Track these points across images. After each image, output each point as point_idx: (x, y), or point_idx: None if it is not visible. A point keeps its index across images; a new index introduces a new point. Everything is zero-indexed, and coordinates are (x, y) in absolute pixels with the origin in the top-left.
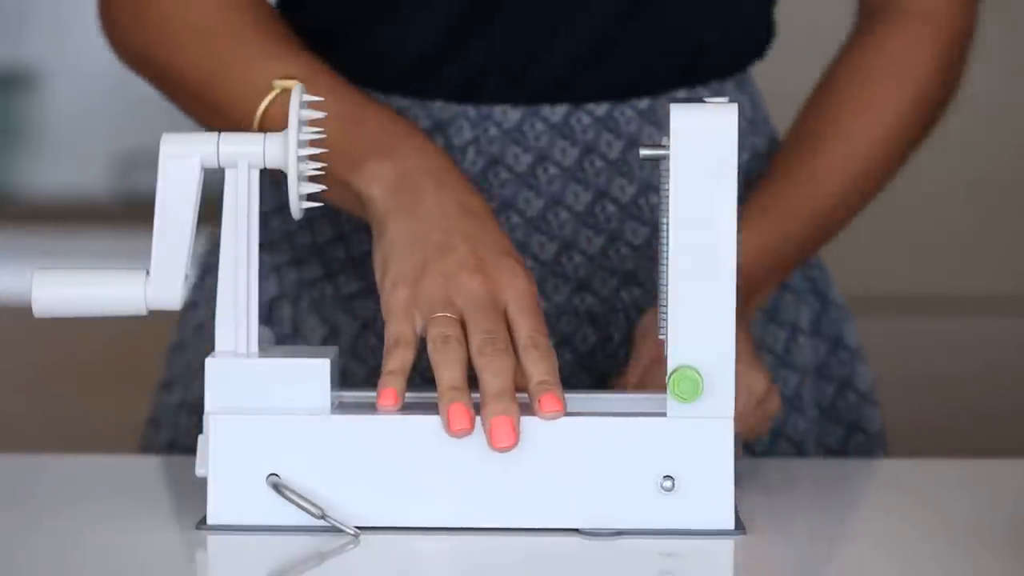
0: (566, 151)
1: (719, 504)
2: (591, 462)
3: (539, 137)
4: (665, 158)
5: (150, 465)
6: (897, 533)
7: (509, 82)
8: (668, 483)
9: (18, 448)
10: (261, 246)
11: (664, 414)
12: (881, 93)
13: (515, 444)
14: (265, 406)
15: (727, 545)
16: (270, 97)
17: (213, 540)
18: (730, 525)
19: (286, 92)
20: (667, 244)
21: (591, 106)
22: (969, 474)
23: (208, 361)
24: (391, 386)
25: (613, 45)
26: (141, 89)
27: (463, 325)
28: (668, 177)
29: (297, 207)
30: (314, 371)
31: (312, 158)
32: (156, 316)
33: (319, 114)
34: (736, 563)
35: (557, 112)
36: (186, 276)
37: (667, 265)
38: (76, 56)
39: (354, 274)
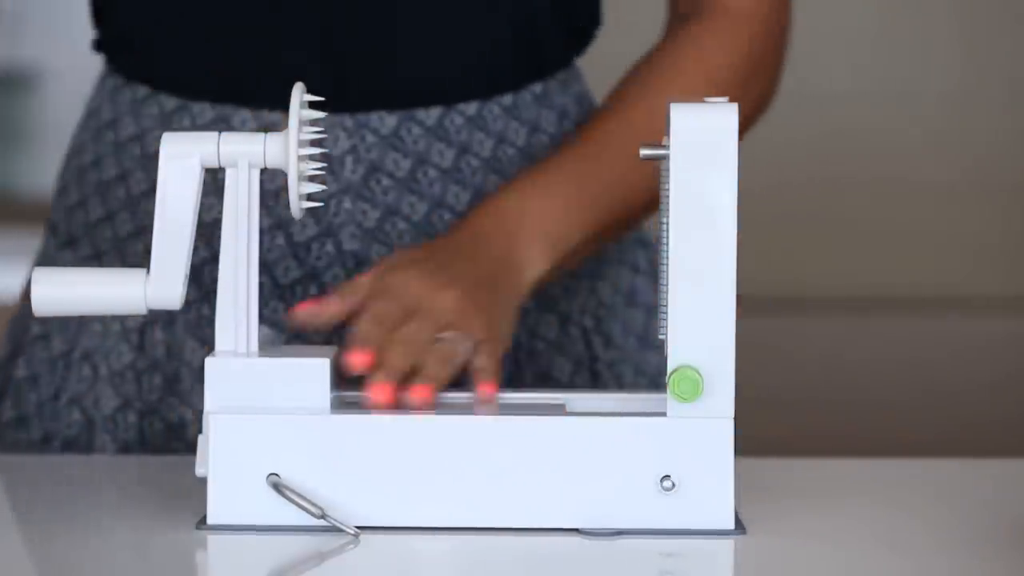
0: (443, 153)
1: (719, 504)
2: (591, 462)
3: (416, 141)
4: (665, 158)
5: (150, 465)
6: (897, 533)
7: (379, 88)
8: (668, 483)
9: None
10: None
11: (664, 414)
12: (687, 84)
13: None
14: (265, 406)
15: (727, 545)
16: None
17: (213, 540)
18: (730, 525)
19: None
20: (667, 244)
21: (462, 106)
22: (970, 474)
23: (208, 361)
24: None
25: (474, 44)
26: None
27: None
28: (668, 177)
29: (297, 207)
30: (314, 371)
31: (312, 158)
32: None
33: (319, 114)
34: (736, 563)
35: (431, 115)
36: (187, 275)
37: (667, 265)
38: (76, 56)
39: None
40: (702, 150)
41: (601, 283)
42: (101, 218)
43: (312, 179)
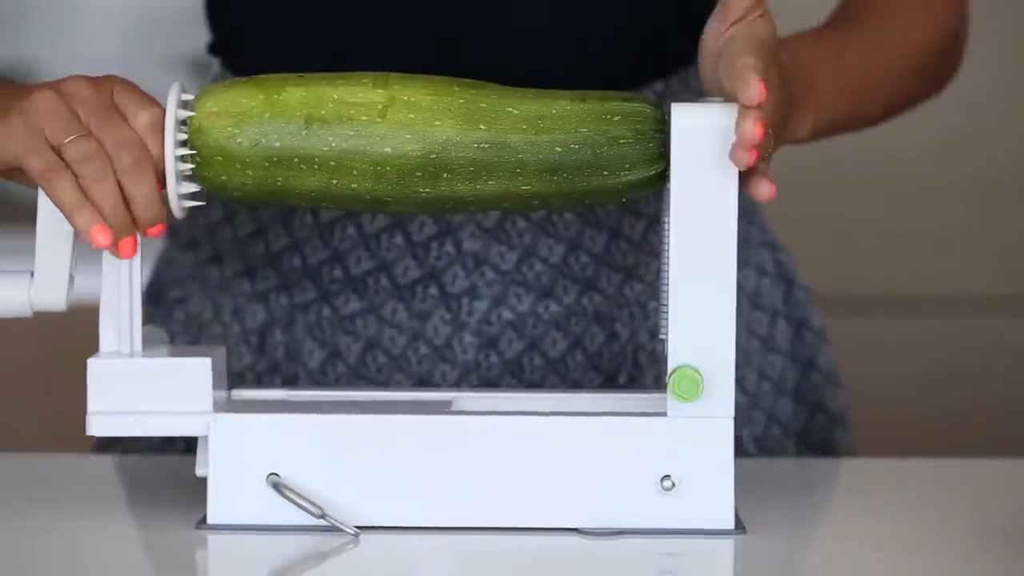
0: None
1: (719, 504)
2: (591, 462)
3: None
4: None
5: (150, 465)
6: (896, 533)
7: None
8: (668, 483)
9: (18, 448)
10: (240, 273)
11: (664, 414)
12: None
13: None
14: (147, 407)
15: (727, 545)
16: None
17: (213, 540)
18: (730, 525)
19: None
20: (668, 244)
21: None
22: (969, 474)
23: (90, 362)
24: (94, 223)
25: (595, 41)
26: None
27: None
28: (668, 177)
29: (178, 207)
30: (196, 371)
31: (184, 159)
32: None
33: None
34: (736, 563)
35: None
36: (71, 278)
37: (668, 265)
38: (76, 56)
39: (353, 293)
40: (702, 150)
41: None
42: (221, 219)
43: (188, 179)
